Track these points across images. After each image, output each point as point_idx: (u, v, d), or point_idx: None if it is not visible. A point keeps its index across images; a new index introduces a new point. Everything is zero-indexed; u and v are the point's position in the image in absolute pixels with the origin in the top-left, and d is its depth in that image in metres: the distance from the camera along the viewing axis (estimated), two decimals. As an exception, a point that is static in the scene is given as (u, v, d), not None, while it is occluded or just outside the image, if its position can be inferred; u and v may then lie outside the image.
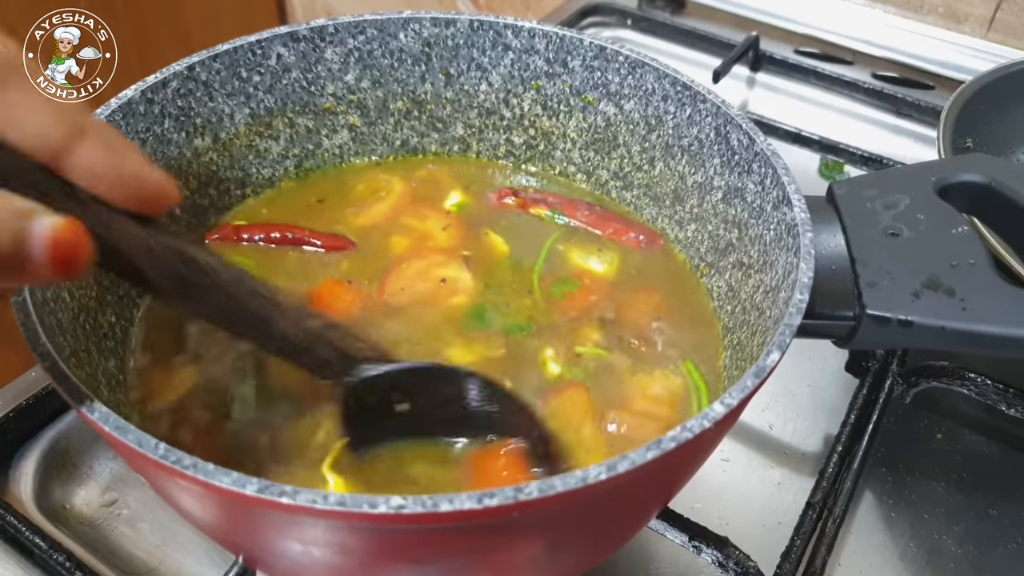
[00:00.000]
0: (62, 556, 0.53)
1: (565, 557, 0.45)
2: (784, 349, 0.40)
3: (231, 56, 0.58)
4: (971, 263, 0.46)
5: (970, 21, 1.07)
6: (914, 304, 0.44)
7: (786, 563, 0.54)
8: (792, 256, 0.46)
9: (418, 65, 0.64)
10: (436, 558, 0.39)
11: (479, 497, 0.32)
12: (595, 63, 0.61)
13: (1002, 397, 0.63)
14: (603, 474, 0.33)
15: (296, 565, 0.42)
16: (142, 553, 0.56)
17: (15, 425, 0.61)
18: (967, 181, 0.51)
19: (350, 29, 0.61)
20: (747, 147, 0.53)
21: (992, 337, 0.43)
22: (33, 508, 0.58)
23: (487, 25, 0.62)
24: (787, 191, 0.48)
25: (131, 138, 0.53)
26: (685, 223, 0.61)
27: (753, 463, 0.64)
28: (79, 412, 0.35)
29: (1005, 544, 0.59)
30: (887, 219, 0.48)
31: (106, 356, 0.49)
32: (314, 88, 0.63)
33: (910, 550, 0.59)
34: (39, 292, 0.42)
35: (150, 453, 0.33)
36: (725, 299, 0.56)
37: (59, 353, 0.38)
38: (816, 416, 0.67)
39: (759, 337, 0.48)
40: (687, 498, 0.57)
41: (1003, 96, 0.79)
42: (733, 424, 0.43)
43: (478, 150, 0.69)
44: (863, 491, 0.62)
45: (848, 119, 1.02)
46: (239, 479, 0.32)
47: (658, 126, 0.61)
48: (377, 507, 0.31)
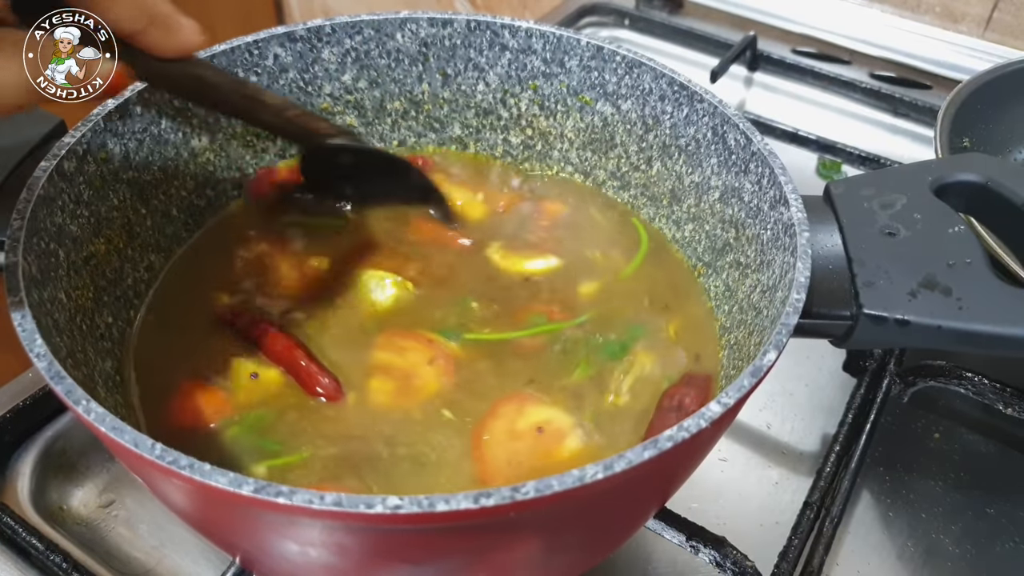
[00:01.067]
0: (59, 557, 0.53)
1: (562, 557, 0.45)
2: (781, 348, 0.40)
3: (228, 56, 0.58)
4: (968, 262, 0.46)
5: (967, 21, 1.07)
6: (911, 303, 0.44)
7: (784, 563, 0.54)
8: (789, 256, 0.46)
9: (415, 65, 0.64)
10: (432, 558, 0.39)
11: (475, 497, 0.32)
12: (592, 63, 0.61)
13: (999, 396, 0.63)
14: (600, 473, 0.33)
15: (292, 565, 0.42)
16: (139, 554, 0.56)
17: (12, 426, 0.61)
18: (964, 180, 0.51)
19: (347, 29, 0.61)
20: (744, 147, 0.53)
21: (989, 336, 0.44)
22: (30, 509, 0.58)
23: (484, 25, 0.62)
24: (784, 191, 0.48)
25: (128, 138, 0.53)
26: (682, 223, 0.61)
27: (751, 463, 0.64)
28: (76, 413, 0.35)
29: (1003, 543, 0.59)
30: (884, 218, 0.48)
31: (103, 357, 0.49)
32: (311, 88, 0.63)
33: (908, 549, 0.59)
34: (36, 293, 0.42)
35: (146, 454, 0.33)
36: (722, 299, 0.56)
37: (56, 354, 0.38)
38: (814, 415, 0.67)
39: (756, 336, 0.48)
40: (685, 498, 0.57)
41: (1000, 96, 0.79)
42: (730, 423, 0.43)
43: (475, 150, 0.69)
44: (861, 491, 0.62)
45: (845, 119, 1.02)
46: (235, 479, 0.32)
47: (655, 126, 0.61)
48: (373, 507, 0.31)
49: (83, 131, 0.49)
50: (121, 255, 0.54)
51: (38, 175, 0.46)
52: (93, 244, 0.51)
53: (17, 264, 0.41)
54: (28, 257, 0.42)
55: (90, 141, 0.50)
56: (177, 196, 0.58)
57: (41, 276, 0.44)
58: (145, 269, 0.56)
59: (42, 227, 0.45)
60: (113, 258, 0.53)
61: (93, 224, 0.51)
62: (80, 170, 0.49)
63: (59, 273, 0.46)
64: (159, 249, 0.58)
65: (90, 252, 0.50)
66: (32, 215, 0.44)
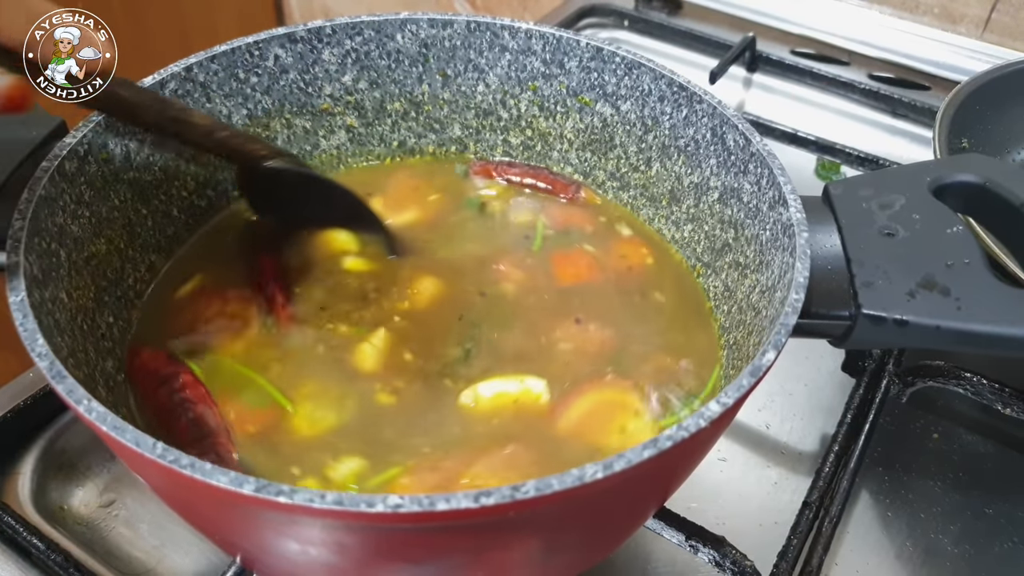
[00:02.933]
0: (60, 556, 0.53)
1: (562, 556, 0.45)
2: (780, 348, 0.40)
3: (229, 57, 0.58)
4: (966, 263, 0.46)
5: (966, 22, 1.07)
6: (909, 303, 0.44)
7: (783, 562, 0.55)
8: (788, 256, 0.46)
9: (415, 66, 0.64)
10: (433, 557, 0.39)
11: (476, 496, 0.32)
12: (592, 64, 0.62)
13: (998, 396, 0.64)
14: (599, 473, 0.33)
15: (293, 565, 0.42)
16: (140, 554, 0.56)
17: (13, 426, 0.61)
18: (962, 181, 0.51)
19: (347, 30, 0.61)
20: (743, 148, 0.53)
21: (987, 336, 0.44)
22: (31, 509, 0.58)
23: (484, 26, 0.62)
24: (783, 191, 0.48)
25: (129, 139, 0.53)
26: (682, 223, 0.61)
27: (750, 463, 0.64)
28: (77, 412, 0.36)
29: (1001, 543, 0.59)
30: (883, 219, 0.48)
31: (104, 357, 0.50)
32: (311, 89, 0.63)
33: (907, 549, 0.59)
34: (37, 293, 0.42)
35: (148, 453, 0.33)
36: (722, 299, 0.57)
37: (57, 353, 0.38)
38: (813, 416, 0.67)
39: (755, 336, 0.48)
40: (684, 497, 0.58)
41: (999, 97, 0.79)
42: (729, 423, 0.43)
43: (475, 151, 0.69)
44: (860, 491, 0.62)
45: (844, 119, 1.02)
46: (236, 478, 0.32)
47: (655, 127, 0.61)
48: (374, 506, 0.31)
49: (84, 131, 0.49)
50: (122, 255, 0.54)
51: (39, 175, 0.46)
52: (94, 244, 0.51)
53: (19, 264, 0.41)
54: (30, 257, 0.42)
55: (91, 141, 0.50)
56: (178, 196, 0.59)
57: (42, 276, 0.44)
58: (146, 269, 0.56)
59: (43, 227, 0.45)
60: (114, 258, 0.53)
61: (94, 224, 0.51)
62: (81, 170, 0.49)
63: (60, 273, 0.46)
64: (160, 249, 0.58)
65: (91, 252, 0.51)
66: (33, 215, 0.44)
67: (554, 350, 0.54)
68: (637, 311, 0.58)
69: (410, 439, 0.49)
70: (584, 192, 0.67)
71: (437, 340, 0.54)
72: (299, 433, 0.49)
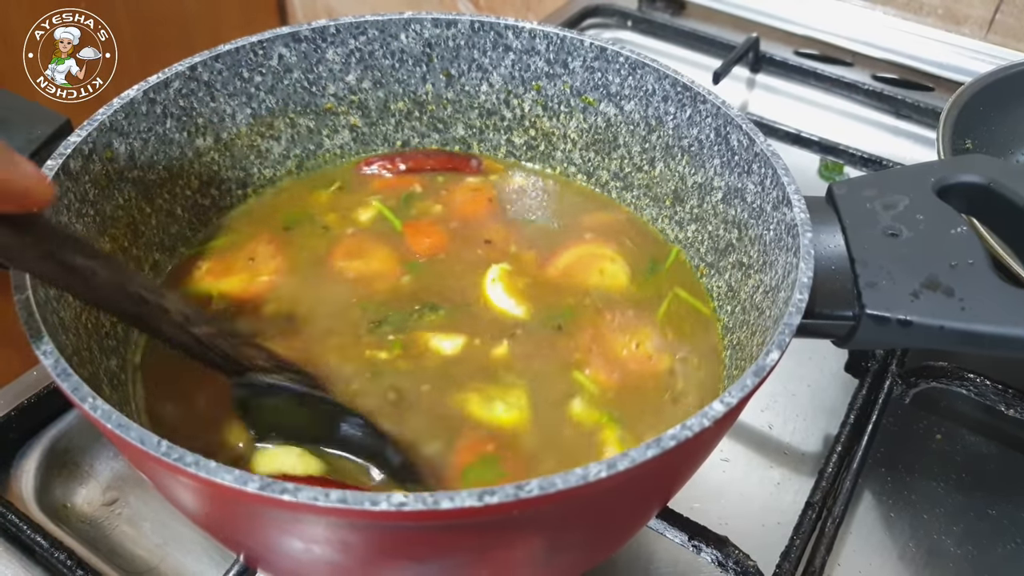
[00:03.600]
0: (63, 555, 0.53)
1: (565, 555, 0.45)
2: (783, 348, 0.40)
3: (233, 56, 0.58)
4: (970, 263, 0.46)
5: (969, 23, 1.07)
6: (913, 304, 0.44)
7: (785, 563, 0.55)
8: (792, 256, 0.46)
9: (419, 66, 0.65)
10: (436, 555, 0.39)
11: (480, 494, 0.32)
12: (596, 64, 0.62)
13: (1001, 397, 0.64)
14: (603, 472, 0.33)
15: (297, 563, 0.42)
16: (143, 552, 0.57)
17: (17, 424, 0.61)
18: (966, 182, 0.51)
19: (351, 30, 0.61)
20: (747, 148, 0.53)
21: (991, 337, 0.44)
22: (34, 507, 0.58)
23: (488, 26, 0.62)
24: (787, 191, 0.48)
25: (133, 138, 0.53)
26: (685, 223, 0.61)
27: (753, 463, 0.64)
28: (81, 410, 0.36)
29: (1004, 544, 0.59)
30: (886, 219, 0.48)
31: (108, 355, 0.50)
32: (315, 88, 0.63)
33: (909, 550, 0.59)
34: (42, 291, 0.42)
35: (152, 450, 0.33)
36: (725, 299, 0.57)
37: (62, 352, 0.38)
38: (816, 416, 0.67)
39: (759, 337, 0.48)
40: (687, 497, 0.57)
41: (1002, 97, 0.79)
42: (733, 423, 0.43)
43: (479, 150, 0.69)
44: (862, 491, 0.62)
45: (848, 120, 1.02)
46: (240, 476, 0.32)
47: (658, 127, 0.61)
48: (379, 504, 0.31)
49: (89, 130, 0.49)
50: (126, 254, 0.54)
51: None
52: (98, 243, 0.51)
53: (23, 262, 0.41)
54: None
55: (96, 140, 0.50)
56: (182, 195, 0.59)
57: None
58: (150, 268, 0.56)
59: None
60: (118, 257, 0.53)
61: (98, 223, 0.51)
62: (85, 169, 0.49)
63: None
64: (164, 248, 0.58)
65: None
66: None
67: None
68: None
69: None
70: (485, 162, 0.69)
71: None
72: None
